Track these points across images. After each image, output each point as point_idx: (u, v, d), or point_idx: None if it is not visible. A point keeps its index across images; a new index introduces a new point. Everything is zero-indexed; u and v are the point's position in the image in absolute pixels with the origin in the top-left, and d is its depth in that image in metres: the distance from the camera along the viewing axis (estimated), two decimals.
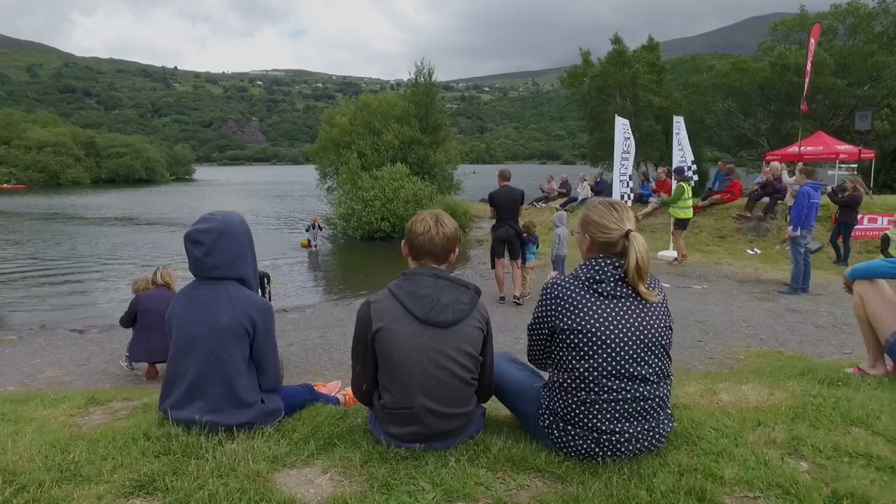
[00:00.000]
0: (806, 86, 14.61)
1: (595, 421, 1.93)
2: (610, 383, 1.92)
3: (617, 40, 33.02)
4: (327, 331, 7.61)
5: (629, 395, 1.92)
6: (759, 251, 12.14)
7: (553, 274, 9.02)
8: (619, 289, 1.97)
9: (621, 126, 9.34)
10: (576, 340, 1.94)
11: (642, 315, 1.96)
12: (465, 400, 2.08)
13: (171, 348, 2.29)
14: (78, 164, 70.08)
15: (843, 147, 23.04)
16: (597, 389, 1.93)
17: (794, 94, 31.43)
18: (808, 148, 24.33)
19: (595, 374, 1.93)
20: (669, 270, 10.80)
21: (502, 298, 8.36)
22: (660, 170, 15.10)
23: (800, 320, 7.33)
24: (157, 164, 79.87)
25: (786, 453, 1.97)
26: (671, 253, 11.77)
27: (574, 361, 1.96)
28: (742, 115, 33.45)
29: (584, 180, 17.29)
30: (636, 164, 35.89)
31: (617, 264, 1.98)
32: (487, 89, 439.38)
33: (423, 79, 25.69)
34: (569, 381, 1.98)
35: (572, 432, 1.97)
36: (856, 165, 25.91)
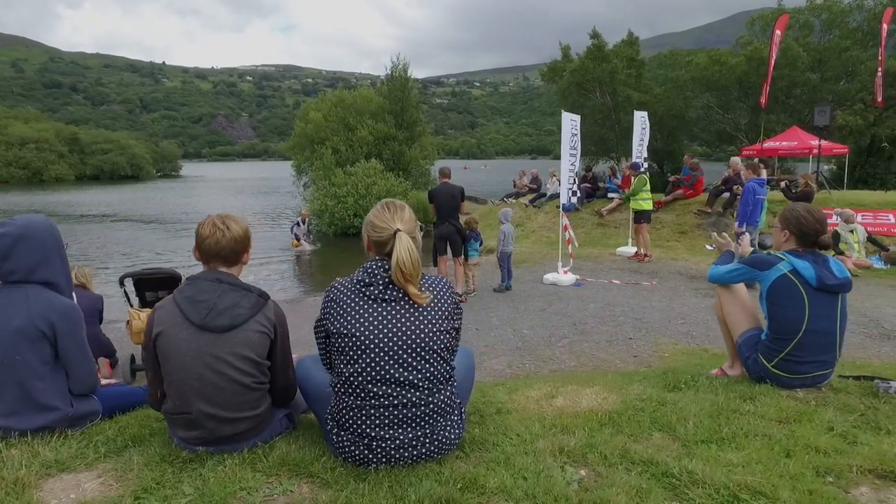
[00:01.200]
0: (768, 78, 14.55)
1: (364, 427, 1.90)
2: (375, 388, 1.89)
3: (595, 35, 32.99)
4: None
5: (396, 402, 1.89)
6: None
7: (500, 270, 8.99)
8: (388, 292, 1.93)
9: (569, 122, 9.29)
10: (342, 344, 1.91)
11: (412, 319, 1.91)
12: (250, 404, 2.05)
13: None
14: (61, 161, 69.47)
15: (816, 142, 23.20)
16: (363, 395, 1.90)
17: (770, 87, 31.61)
18: (783, 143, 24.46)
19: (360, 378, 1.89)
20: (624, 266, 10.82)
21: None
22: (624, 165, 15.10)
23: None
24: (143, 161, 79.24)
25: (571, 461, 1.93)
26: (630, 249, 11.79)
27: (343, 366, 1.93)
28: (721, 109, 33.57)
29: (553, 176, 17.24)
30: (617, 159, 36.02)
31: (387, 266, 1.95)
32: (478, 84, 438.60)
33: (398, 74, 25.61)
34: (339, 385, 1.96)
35: (346, 438, 1.94)
36: (833, 160, 25.97)
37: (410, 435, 1.91)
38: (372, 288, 1.93)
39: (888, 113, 29.29)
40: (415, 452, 1.92)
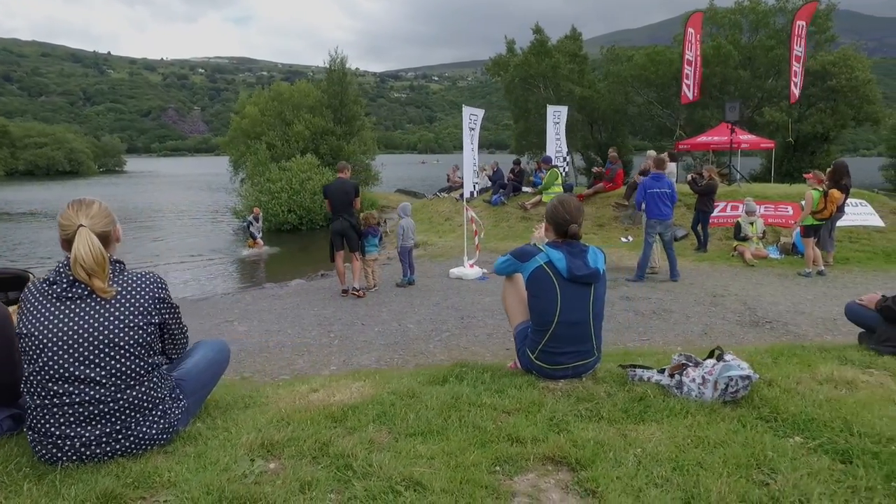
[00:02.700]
0: (695, 75, 14.86)
1: (49, 426, 1.91)
2: (56, 387, 1.89)
3: (538, 30, 33.34)
4: None
5: (78, 399, 1.90)
6: (632, 239, 12.51)
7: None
8: (72, 289, 1.93)
9: (469, 116, 9.34)
10: (24, 345, 1.92)
11: (97, 315, 1.92)
12: None
13: None
14: None
15: (745, 137, 24.15)
16: (43, 394, 1.91)
17: (703, 84, 32.69)
18: (714, 138, 25.37)
19: (39, 377, 1.90)
20: None
21: (344, 291, 8.29)
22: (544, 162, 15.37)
23: (624, 308, 7.51)
24: (83, 156, 75.72)
25: (267, 454, 1.95)
26: None
27: (26, 366, 1.93)
28: (660, 104, 34.51)
29: (483, 170, 17.38)
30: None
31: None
32: (437, 79, 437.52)
33: (336, 68, 25.27)
34: (24, 386, 1.96)
35: (34, 438, 1.95)
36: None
37: (98, 432, 1.91)
38: (55, 286, 1.93)
39: (811, 111, 30.83)
40: (108, 449, 1.93)
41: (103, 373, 1.90)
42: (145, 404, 1.97)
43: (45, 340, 1.87)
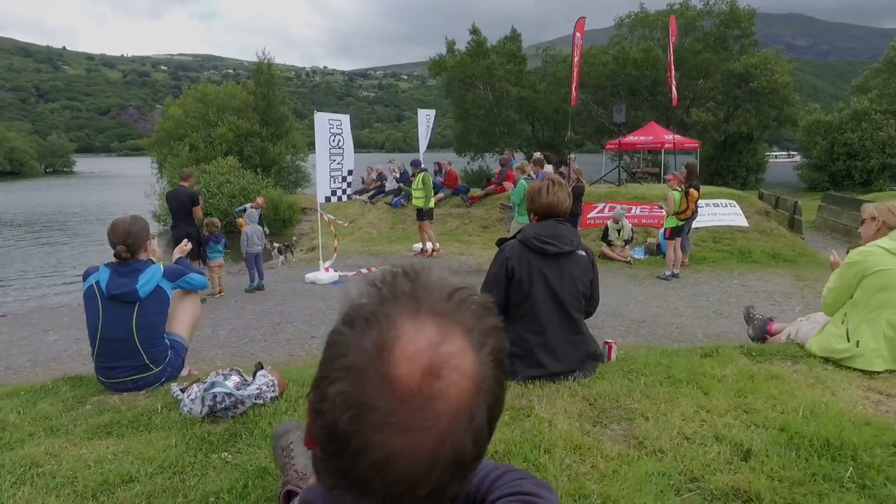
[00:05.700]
0: (575, 78, 15.06)
1: None
2: None
3: (475, 31, 33.63)
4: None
5: None
6: None
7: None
8: None
9: (325, 122, 9.41)
10: None
11: None
12: None
13: None
14: None
15: (669, 137, 24.84)
16: None
17: (635, 86, 33.52)
18: (641, 137, 26.02)
19: None
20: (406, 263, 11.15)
21: None
22: (444, 162, 15.66)
23: None
24: (25, 156, 73.05)
25: None
26: (419, 245, 12.20)
27: None
28: (596, 105, 35.20)
29: (393, 172, 17.55)
30: (500, 152, 36.99)
31: None
32: (406, 77, 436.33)
33: (263, 68, 25.10)
34: None
35: None
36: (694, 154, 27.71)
37: None
38: None
39: (737, 112, 31.88)
40: None
41: None
42: None
43: None
